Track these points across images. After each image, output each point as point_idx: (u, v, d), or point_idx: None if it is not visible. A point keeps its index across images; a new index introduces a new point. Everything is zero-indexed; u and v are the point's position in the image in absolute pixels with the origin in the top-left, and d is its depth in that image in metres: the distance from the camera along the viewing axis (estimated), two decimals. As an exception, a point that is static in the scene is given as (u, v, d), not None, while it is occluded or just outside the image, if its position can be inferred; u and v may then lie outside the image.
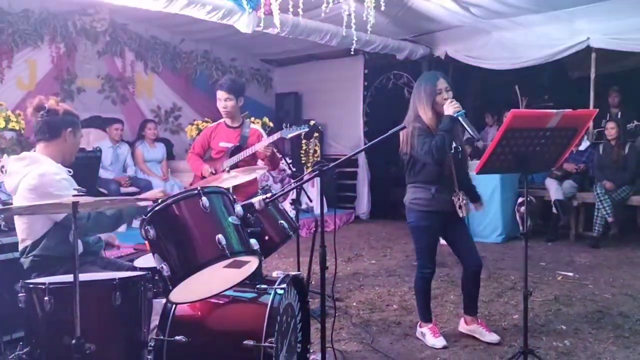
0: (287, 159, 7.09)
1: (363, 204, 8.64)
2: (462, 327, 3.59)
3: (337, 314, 3.85)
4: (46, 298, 1.97)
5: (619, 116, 7.03)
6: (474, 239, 3.22)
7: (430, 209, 3.31)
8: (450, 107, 3.14)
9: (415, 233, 3.44)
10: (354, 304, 4.29)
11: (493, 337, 3.46)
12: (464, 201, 3.32)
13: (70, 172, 2.70)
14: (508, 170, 2.93)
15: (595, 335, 3.54)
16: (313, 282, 4.35)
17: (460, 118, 3.11)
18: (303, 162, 8.17)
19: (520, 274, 3.03)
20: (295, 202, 4.00)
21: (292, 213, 3.75)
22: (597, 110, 3.32)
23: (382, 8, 5.38)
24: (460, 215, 3.31)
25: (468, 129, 3.07)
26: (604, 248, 6.13)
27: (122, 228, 6.20)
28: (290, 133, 3.90)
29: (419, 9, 6.60)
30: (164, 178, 7.03)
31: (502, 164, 2.80)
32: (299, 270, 4.03)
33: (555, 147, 2.81)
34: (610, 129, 6.43)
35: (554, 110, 2.65)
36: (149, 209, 2.18)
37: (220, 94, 3.93)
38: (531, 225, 6.97)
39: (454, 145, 3.28)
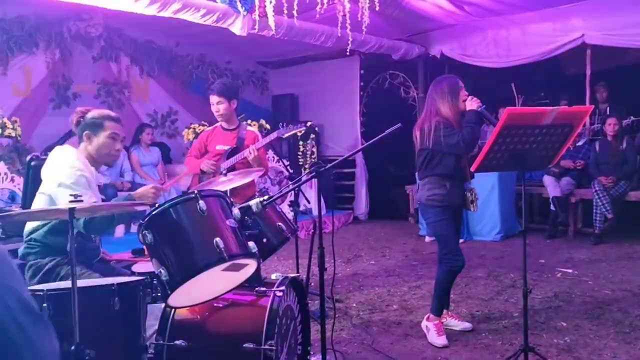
0: (285, 160, 7.09)
1: (361, 204, 8.61)
2: None
3: (337, 315, 3.84)
4: (45, 305, 1.96)
5: (607, 112, 7.03)
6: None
7: (446, 204, 3.41)
8: (474, 103, 3.32)
9: (437, 229, 3.51)
10: (354, 304, 4.29)
11: (466, 325, 3.61)
12: (476, 197, 3.44)
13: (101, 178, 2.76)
14: (505, 169, 2.95)
15: (595, 331, 3.54)
16: (312, 284, 4.34)
17: (483, 112, 3.31)
18: (300, 163, 8.17)
19: (520, 271, 3.03)
20: (294, 204, 4.00)
21: (290, 215, 3.75)
22: (593, 106, 3.35)
23: (377, 8, 5.39)
24: (471, 210, 3.45)
25: (491, 121, 3.30)
26: (602, 244, 6.13)
27: (120, 233, 6.26)
28: (287, 132, 3.90)
29: (414, 8, 6.60)
30: (161, 182, 7.02)
31: (498, 162, 2.81)
32: (298, 272, 4.03)
33: (552, 144, 2.82)
34: (614, 125, 6.42)
35: (549, 108, 2.66)
36: (146, 213, 2.17)
37: (212, 98, 3.94)
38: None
39: None
